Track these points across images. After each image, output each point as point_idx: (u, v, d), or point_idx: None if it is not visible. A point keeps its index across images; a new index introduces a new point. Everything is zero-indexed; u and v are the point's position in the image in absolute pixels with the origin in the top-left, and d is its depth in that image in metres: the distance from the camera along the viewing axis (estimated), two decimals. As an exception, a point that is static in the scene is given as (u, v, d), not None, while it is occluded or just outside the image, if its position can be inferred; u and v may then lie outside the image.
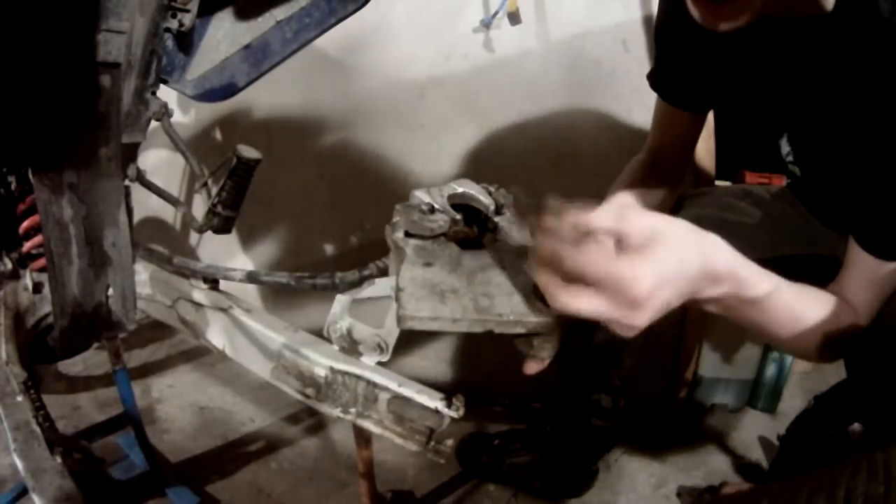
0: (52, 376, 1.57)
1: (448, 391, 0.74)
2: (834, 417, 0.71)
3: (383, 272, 0.77)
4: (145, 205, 1.70)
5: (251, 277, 0.80)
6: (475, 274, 0.67)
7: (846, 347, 0.67)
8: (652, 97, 1.01)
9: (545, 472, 1.28)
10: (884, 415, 0.60)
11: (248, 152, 0.90)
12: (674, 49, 0.94)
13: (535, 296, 0.61)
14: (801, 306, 0.66)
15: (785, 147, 0.89)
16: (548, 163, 1.47)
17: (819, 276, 0.71)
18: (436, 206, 0.76)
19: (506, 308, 0.60)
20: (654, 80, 0.99)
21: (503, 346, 0.64)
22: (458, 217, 0.77)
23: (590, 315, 0.53)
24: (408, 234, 0.73)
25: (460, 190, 0.80)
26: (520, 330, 0.60)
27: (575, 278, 0.53)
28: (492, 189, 0.82)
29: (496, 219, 0.78)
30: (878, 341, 0.64)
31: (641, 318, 0.53)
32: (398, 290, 0.63)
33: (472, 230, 0.77)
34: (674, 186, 1.03)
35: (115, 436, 1.28)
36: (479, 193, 0.80)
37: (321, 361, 0.79)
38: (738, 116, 0.97)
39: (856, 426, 0.65)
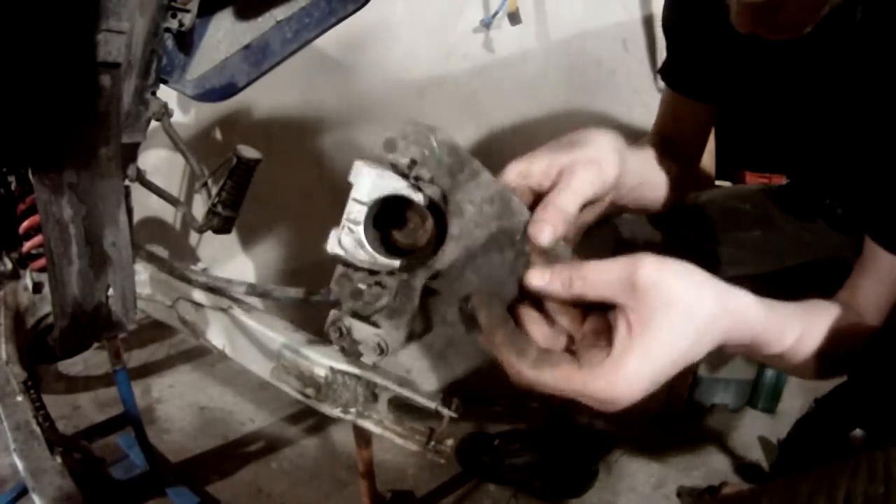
0: (52, 376, 1.57)
1: (448, 391, 0.74)
2: (835, 422, 0.71)
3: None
4: (145, 205, 1.69)
5: (252, 291, 0.80)
6: (445, 311, 0.58)
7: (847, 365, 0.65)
8: (652, 98, 1.01)
9: (545, 472, 1.28)
10: (886, 419, 0.59)
11: (248, 152, 0.90)
12: (684, 39, 0.91)
13: None
14: (821, 341, 0.61)
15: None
16: (548, 163, 1.47)
17: (824, 281, 0.70)
18: (375, 263, 0.56)
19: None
20: (666, 72, 0.95)
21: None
22: (396, 263, 0.56)
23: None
24: (357, 317, 0.58)
25: (376, 196, 0.55)
26: None
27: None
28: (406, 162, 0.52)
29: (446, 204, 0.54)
30: (880, 343, 0.64)
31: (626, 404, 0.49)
32: (407, 371, 0.61)
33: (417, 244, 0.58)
34: (688, 167, 0.94)
35: (115, 436, 1.28)
36: (398, 189, 0.54)
37: (321, 361, 0.79)
38: (744, 112, 0.94)
39: (857, 432, 0.64)
